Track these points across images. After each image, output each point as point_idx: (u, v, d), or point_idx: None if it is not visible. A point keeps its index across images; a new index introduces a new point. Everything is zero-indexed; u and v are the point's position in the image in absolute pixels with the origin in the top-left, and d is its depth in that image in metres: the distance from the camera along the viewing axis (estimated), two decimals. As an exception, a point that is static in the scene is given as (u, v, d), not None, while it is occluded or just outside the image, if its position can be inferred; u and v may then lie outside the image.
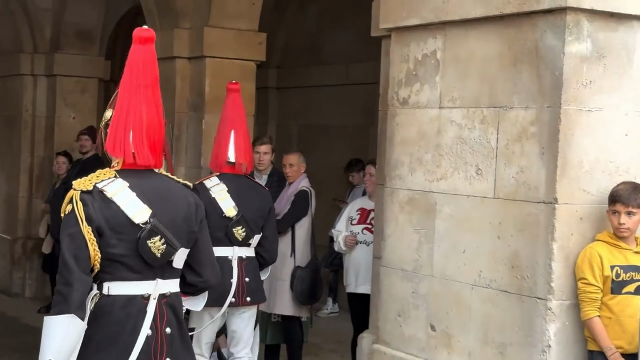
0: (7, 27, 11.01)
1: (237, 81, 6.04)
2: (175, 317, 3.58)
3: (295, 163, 6.78)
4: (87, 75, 10.71)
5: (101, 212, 3.42)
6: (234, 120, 5.79)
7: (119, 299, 3.48)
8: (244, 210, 5.61)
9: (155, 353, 3.51)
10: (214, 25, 7.91)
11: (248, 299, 5.64)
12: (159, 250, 3.46)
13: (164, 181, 3.62)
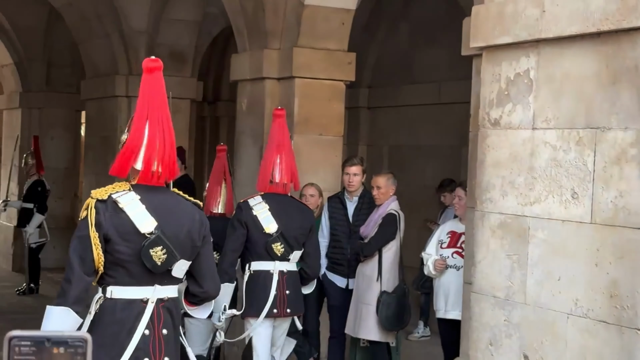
0: (103, 50, 11.21)
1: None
2: (172, 319, 3.96)
3: (383, 185, 6.66)
4: (179, 96, 10.78)
5: (111, 220, 3.81)
6: (279, 144, 6.17)
7: (120, 302, 3.88)
8: (284, 228, 5.97)
9: (154, 352, 3.88)
10: (303, 45, 7.86)
11: (288, 311, 6.01)
12: (160, 259, 3.85)
13: (173, 198, 4.02)
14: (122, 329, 3.87)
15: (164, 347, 3.90)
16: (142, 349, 3.85)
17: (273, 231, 5.92)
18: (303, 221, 6.12)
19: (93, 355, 3.49)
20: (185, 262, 3.96)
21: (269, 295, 5.89)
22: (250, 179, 8.24)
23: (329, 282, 7.16)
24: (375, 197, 6.70)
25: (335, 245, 7.12)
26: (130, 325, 3.86)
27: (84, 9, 11.15)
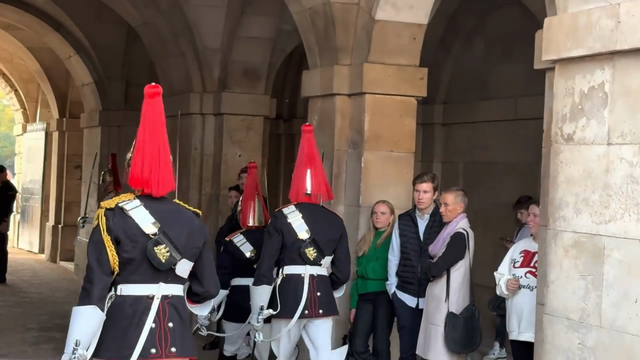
0: (178, 68, 11.32)
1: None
2: (177, 314, 4.47)
3: (451, 202, 6.52)
4: (252, 113, 10.84)
5: (119, 224, 4.39)
6: (310, 158, 6.68)
7: (129, 298, 4.42)
8: (316, 234, 6.47)
9: (161, 342, 4.40)
10: (373, 61, 7.77)
11: (320, 311, 6.48)
12: (164, 256, 4.39)
13: (174, 206, 4.60)
14: (131, 323, 4.39)
15: (169, 338, 4.42)
16: (150, 340, 4.37)
17: (306, 237, 6.44)
18: (333, 229, 6.63)
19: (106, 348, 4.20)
20: (187, 261, 4.49)
21: (301, 297, 6.33)
22: (319, 196, 8.18)
23: (399, 301, 7.04)
24: (443, 214, 6.56)
25: (405, 263, 6.99)
26: (138, 319, 4.39)
27: (159, 27, 11.28)
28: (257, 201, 7.53)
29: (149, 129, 4.63)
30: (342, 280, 6.74)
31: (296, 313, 6.31)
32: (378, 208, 7.29)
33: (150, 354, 4.44)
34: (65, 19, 14.52)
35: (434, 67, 11.75)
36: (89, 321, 4.27)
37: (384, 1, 7.69)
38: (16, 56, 19.55)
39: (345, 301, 7.81)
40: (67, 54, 15.33)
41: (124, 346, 4.35)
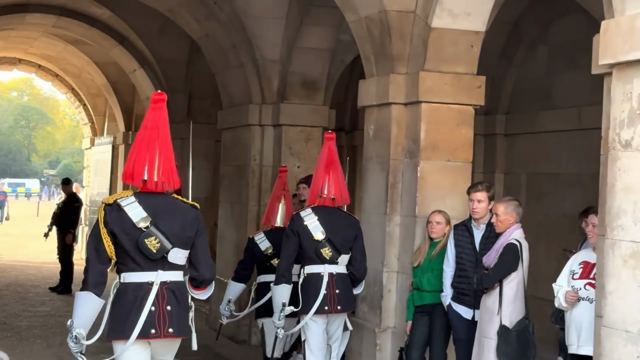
0: (238, 80, 11.37)
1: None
2: (175, 298, 5.05)
3: (501, 213, 6.38)
4: (311, 124, 10.80)
5: (116, 218, 5.00)
6: (329, 164, 7.05)
7: (131, 285, 5.03)
8: (331, 235, 6.87)
9: (160, 323, 4.98)
10: (430, 69, 7.66)
11: (339, 307, 6.91)
12: (154, 247, 4.97)
13: (170, 200, 5.17)
14: (133, 307, 4.97)
15: (167, 320, 5.02)
16: (149, 322, 4.95)
17: (321, 238, 6.84)
18: (348, 229, 7.04)
19: (112, 329, 4.86)
20: (180, 250, 5.08)
21: (319, 295, 6.78)
22: (376, 207, 8.10)
23: (454, 313, 6.89)
24: (495, 225, 6.42)
25: (461, 274, 6.85)
26: (139, 303, 4.96)
27: (220, 39, 11.35)
28: (282, 203, 8.00)
29: (148, 132, 5.14)
30: (358, 277, 7.18)
31: (312, 308, 6.73)
32: (433, 218, 7.18)
33: (150, 333, 4.99)
34: (130, 33, 14.74)
35: (496, 77, 11.60)
36: (84, 304, 4.97)
37: (441, 9, 7.58)
38: (84, 71, 19.92)
39: (401, 313, 7.71)
40: (132, 68, 15.54)
41: (127, 327, 4.95)
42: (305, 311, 6.84)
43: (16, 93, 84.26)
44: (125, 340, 4.98)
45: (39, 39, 17.78)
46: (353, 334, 8.25)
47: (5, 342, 10.53)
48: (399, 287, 7.85)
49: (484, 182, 7.13)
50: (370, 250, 8.15)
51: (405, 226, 7.78)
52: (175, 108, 14.91)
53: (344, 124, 15.56)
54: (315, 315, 6.82)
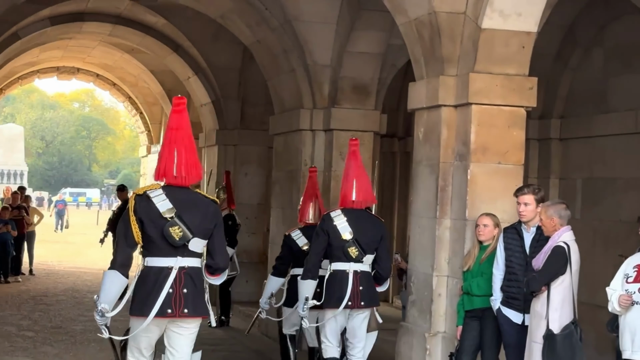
0: (289, 85, 11.38)
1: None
2: (192, 282, 5.64)
3: (543, 216, 6.40)
4: (362, 129, 10.73)
5: (144, 208, 5.63)
6: (355, 169, 7.63)
7: (153, 269, 5.65)
8: (358, 235, 7.36)
9: (176, 304, 5.57)
10: (480, 70, 7.55)
11: (362, 303, 7.36)
12: (177, 235, 5.57)
13: (193, 195, 5.79)
14: (153, 288, 5.58)
15: (183, 301, 5.60)
16: (166, 302, 5.55)
17: (349, 238, 7.32)
18: (374, 231, 7.52)
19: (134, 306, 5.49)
20: (199, 240, 5.68)
21: (346, 290, 7.23)
22: (426, 210, 8.01)
23: (504, 317, 6.77)
24: (542, 227, 6.31)
25: (510, 278, 6.73)
26: (159, 285, 5.56)
27: (271, 45, 11.38)
28: (315, 202, 8.55)
29: (173, 133, 5.73)
30: (383, 276, 7.64)
31: (342, 303, 7.23)
32: (481, 220, 7.08)
33: (167, 313, 5.58)
34: (184, 41, 14.88)
35: (551, 81, 11.42)
36: (111, 281, 5.62)
37: (491, 9, 7.48)
38: (141, 79, 20.18)
39: (452, 318, 7.60)
40: (186, 75, 15.68)
41: (146, 306, 5.56)
42: (329, 305, 7.36)
43: (78, 104, 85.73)
44: (144, 317, 5.56)
45: (97, 47, 18.06)
46: (403, 338, 8.19)
47: (60, 345, 10.69)
48: (449, 292, 7.74)
49: (532, 185, 7.00)
50: (420, 253, 8.07)
51: (456, 229, 7.67)
52: (228, 115, 15.01)
53: (397, 130, 15.48)
54: (334, 309, 7.36)
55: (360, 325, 7.52)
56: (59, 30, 15.23)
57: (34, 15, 13.57)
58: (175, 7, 13.69)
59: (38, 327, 12.04)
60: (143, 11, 14.37)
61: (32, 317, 12.89)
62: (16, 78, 21.12)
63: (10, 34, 13.83)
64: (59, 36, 16.21)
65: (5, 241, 17.01)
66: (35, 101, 78.64)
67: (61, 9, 13.99)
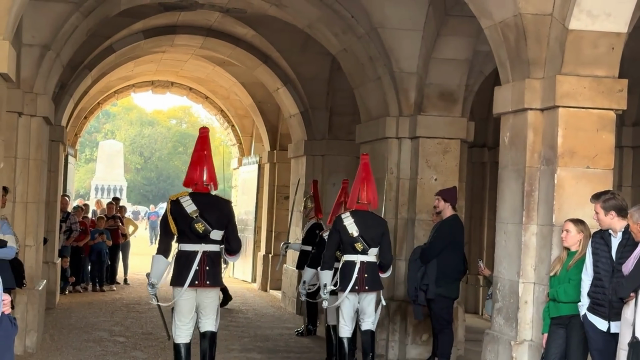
0: (375, 93, 11.35)
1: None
2: (212, 262, 7.97)
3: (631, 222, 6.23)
4: (449, 136, 10.63)
5: (177, 210, 7.94)
6: (364, 177, 9.16)
7: (185, 252, 8.00)
8: (364, 233, 8.92)
9: (201, 278, 7.90)
10: (567, 73, 7.38)
11: (367, 287, 8.92)
12: (201, 229, 7.90)
13: (213, 198, 8.10)
14: (185, 266, 7.95)
15: (206, 275, 7.95)
16: (194, 276, 7.90)
17: (355, 235, 8.89)
18: (377, 228, 9.06)
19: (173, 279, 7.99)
20: (218, 231, 8.00)
21: (352, 277, 8.86)
22: (512, 216, 7.86)
23: (590, 324, 6.57)
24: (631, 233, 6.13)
25: (597, 284, 6.53)
26: (189, 264, 7.92)
27: (357, 53, 11.38)
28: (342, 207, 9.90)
29: (198, 154, 8.05)
30: (385, 264, 9.17)
31: (348, 287, 8.82)
32: (564, 226, 6.94)
33: (195, 283, 7.89)
34: (273, 52, 15.02)
35: None
36: (158, 262, 8.06)
37: (579, 10, 7.31)
38: (232, 92, 20.44)
39: (538, 325, 7.43)
40: (276, 86, 15.82)
41: (181, 279, 7.91)
42: (342, 289, 8.92)
43: (175, 121, 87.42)
44: (180, 287, 7.89)
45: (189, 61, 18.39)
46: (489, 346, 8.06)
47: (149, 350, 10.89)
48: (536, 299, 7.57)
49: (601, 192, 6.73)
50: (506, 260, 7.92)
51: (542, 235, 7.50)
52: (317, 125, 15.06)
53: (486, 140, 15.28)
54: (349, 293, 8.86)
55: (368, 305, 8.99)
56: (152, 43, 15.56)
57: (127, 28, 13.92)
58: (264, 19, 13.84)
59: (129, 332, 12.28)
60: (233, 23, 14.57)
61: (124, 324, 13.15)
62: (113, 92, 21.66)
63: (104, 47, 14.22)
64: (152, 49, 16.57)
65: (100, 250, 17.44)
66: (134, 118, 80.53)
67: (153, 22, 14.31)
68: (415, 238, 10.57)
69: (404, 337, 10.77)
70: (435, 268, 9.34)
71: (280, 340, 12.26)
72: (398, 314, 10.86)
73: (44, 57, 10.35)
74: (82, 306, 14.94)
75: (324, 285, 9.01)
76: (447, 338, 9.48)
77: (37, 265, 10.92)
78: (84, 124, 22.66)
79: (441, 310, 9.41)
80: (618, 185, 11.06)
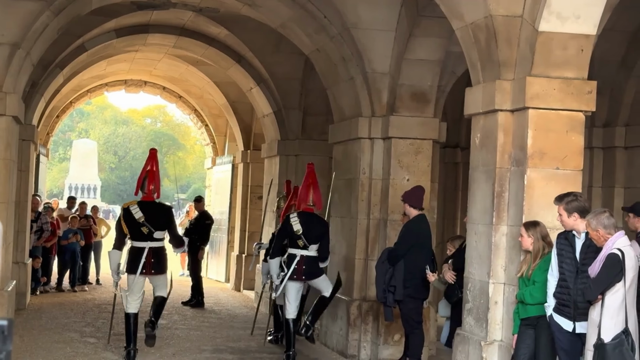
0: (348, 93, 11.35)
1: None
2: (156, 255, 10.19)
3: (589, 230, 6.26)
4: (421, 136, 10.64)
5: (127, 216, 10.17)
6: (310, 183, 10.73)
7: (135, 248, 10.20)
8: (306, 232, 10.46)
9: (148, 268, 10.13)
10: (537, 74, 7.42)
11: (303, 277, 10.52)
12: (146, 231, 10.09)
13: (157, 205, 10.25)
14: (135, 258, 10.13)
15: (152, 266, 10.15)
16: (143, 267, 10.05)
17: (300, 233, 10.45)
18: (318, 228, 10.60)
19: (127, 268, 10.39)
20: (161, 232, 10.18)
21: (291, 267, 10.46)
22: (482, 217, 7.89)
23: (556, 324, 6.61)
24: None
25: (562, 284, 6.56)
26: (139, 257, 10.09)
27: (330, 53, 11.37)
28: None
29: (145, 167, 10.21)
30: (323, 257, 10.68)
31: (287, 276, 10.48)
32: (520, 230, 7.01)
33: (143, 272, 10.06)
34: (246, 52, 14.98)
35: (615, 88, 11.18)
36: (114, 255, 10.32)
37: (549, 12, 7.35)
38: (205, 92, 20.36)
39: (508, 326, 7.46)
40: (249, 86, 15.77)
41: (134, 267, 10.09)
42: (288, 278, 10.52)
43: (150, 120, 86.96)
44: (134, 274, 10.09)
45: (162, 60, 18.30)
46: (459, 346, 8.07)
47: (121, 351, 10.78)
48: (506, 299, 7.60)
49: (564, 194, 6.75)
50: (477, 260, 7.95)
51: (512, 236, 7.54)
52: (290, 125, 15.03)
53: (459, 141, 15.33)
54: (291, 281, 10.49)
55: (318, 285, 10.67)
56: (125, 42, 15.47)
57: (99, 27, 13.83)
58: (237, 18, 13.79)
59: (100, 333, 12.20)
60: (206, 22, 14.52)
61: (95, 325, 13.07)
62: (85, 91, 21.51)
63: (76, 46, 14.12)
64: (125, 48, 16.47)
65: (74, 250, 17.31)
66: (108, 117, 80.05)
67: (126, 21, 14.23)
68: (388, 238, 10.57)
69: (376, 337, 10.78)
70: (402, 269, 9.27)
71: (253, 341, 12.23)
72: (370, 315, 10.87)
73: (13, 56, 10.26)
74: (53, 307, 14.82)
75: (274, 273, 10.65)
76: (418, 339, 9.48)
77: (6, 266, 10.82)
78: (56, 122, 22.49)
79: (410, 311, 9.39)
80: (588, 187, 11.12)
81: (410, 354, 9.47)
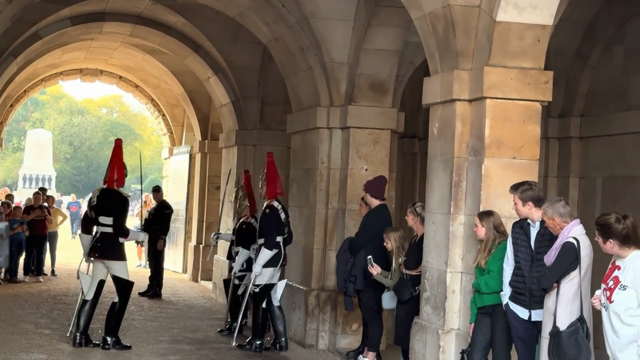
0: (306, 83, 11.33)
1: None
2: (104, 240, 10.37)
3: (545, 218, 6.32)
4: (379, 126, 10.66)
5: (89, 201, 11.06)
6: (276, 172, 10.89)
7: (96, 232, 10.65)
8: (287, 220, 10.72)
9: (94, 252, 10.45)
10: (495, 64, 7.46)
11: (284, 263, 10.77)
12: (92, 215, 10.57)
13: (113, 192, 10.48)
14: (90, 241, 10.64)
15: (100, 250, 10.41)
16: (91, 250, 10.49)
17: (285, 220, 10.76)
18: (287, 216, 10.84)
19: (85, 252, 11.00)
20: (106, 217, 10.37)
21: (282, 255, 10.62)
22: (440, 206, 7.93)
23: (512, 313, 6.69)
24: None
25: (517, 273, 6.63)
26: (91, 241, 10.56)
27: (288, 43, 11.34)
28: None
29: (112, 160, 10.63)
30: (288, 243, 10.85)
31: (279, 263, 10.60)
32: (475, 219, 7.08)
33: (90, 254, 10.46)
34: (204, 41, 14.87)
35: (571, 79, 11.29)
36: (85, 237, 10.66)
37: (506, 2, 7.39)
38: (162, 81, 20.21)
39: (465, 314, 7.51)
40: (206, 75, 15.67)
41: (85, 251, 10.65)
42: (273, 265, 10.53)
43: (106, 110, 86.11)
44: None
45: (118, 49, 18.11)
46: (417, 335, 8.11)
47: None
48: (463, 288, 7.65)
49: (519, 183, 6.82)
50: (435, 250, 7.98)
51: (470, 225, 7.58)
52: (248, 115, 14.96)
53: (417, 131, 15.37)
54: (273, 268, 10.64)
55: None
56: (80, 30, 15.28)
57: (53, 15, 13.62)
58: (195, 7, 13.69)
59: (56, 325, 12.06)
60: (163, 11, 14.38)
61: (50, 316, 12.91)
62: (40, 80, 21.23)
63: (30, 34, 13.90)
64: (81, 37, 16.27)
65: (21, 241, 17.05)
66: (63, 107, 79.10)
67: (81, 8, 14.03)
68: (346, 228, 10.58)
69: (334, 327, 10.79)
70: (363, 259, 9.30)
71: (211, 331, 12.19)
72: (328, 304, 10.88)
73: (-36, 44, 10.09)
74: (7, 298, 14.63)
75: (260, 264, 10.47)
76: (376, 328, 9.51)
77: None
78: (9, 112, 22.16)
79: (370, 300, 9.42)
80: (544, 176, 11.22)
81: (369, 343, 9.49)
